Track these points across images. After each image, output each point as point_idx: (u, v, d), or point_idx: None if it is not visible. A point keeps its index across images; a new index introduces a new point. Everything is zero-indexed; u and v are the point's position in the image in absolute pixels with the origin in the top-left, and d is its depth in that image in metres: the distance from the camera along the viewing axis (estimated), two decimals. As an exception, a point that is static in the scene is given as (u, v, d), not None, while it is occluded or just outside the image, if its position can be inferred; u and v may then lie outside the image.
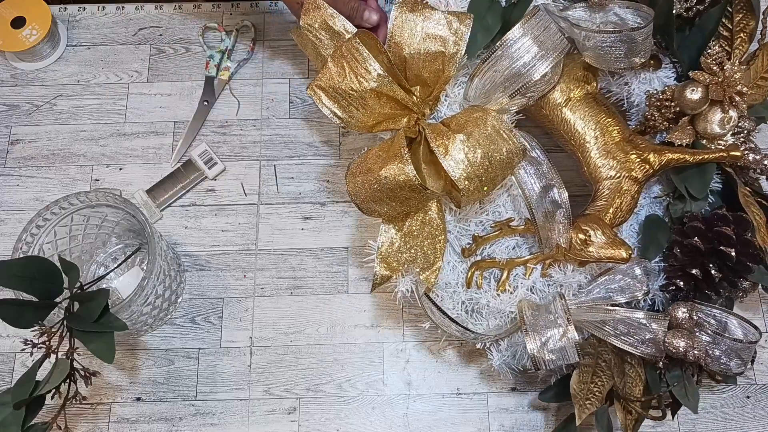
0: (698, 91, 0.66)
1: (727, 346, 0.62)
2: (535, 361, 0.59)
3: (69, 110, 0.84)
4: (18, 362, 0.73)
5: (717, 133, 0.66)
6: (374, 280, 0.63)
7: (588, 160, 0.66)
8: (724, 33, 0.69)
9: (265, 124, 0.83)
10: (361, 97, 0.57)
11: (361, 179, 0.59)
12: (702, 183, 0.66)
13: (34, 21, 0.83)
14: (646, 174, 0.65)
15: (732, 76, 0.64)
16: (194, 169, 0.80)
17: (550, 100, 0.66)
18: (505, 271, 0.64)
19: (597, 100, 0.67)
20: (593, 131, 0.65)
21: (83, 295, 0.61)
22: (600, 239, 0.61)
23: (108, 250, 0.76)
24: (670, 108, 0.67)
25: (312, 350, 0.74)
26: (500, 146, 0.57)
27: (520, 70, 0.59)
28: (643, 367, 0.64)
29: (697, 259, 0.64)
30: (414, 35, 0.59)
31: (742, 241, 0.63)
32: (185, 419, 0.71)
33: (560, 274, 0.64)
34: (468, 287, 0.64)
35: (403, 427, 0.71)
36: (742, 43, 0.69)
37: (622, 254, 0.60)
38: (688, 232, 0.65)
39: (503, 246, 0.66)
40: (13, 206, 0.80)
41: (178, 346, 0.74)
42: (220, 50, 0.86)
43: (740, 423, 0.72)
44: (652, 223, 0.68)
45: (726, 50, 0.69)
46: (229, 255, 0.77)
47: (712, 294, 0.64)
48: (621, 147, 0.65)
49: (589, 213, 0.65)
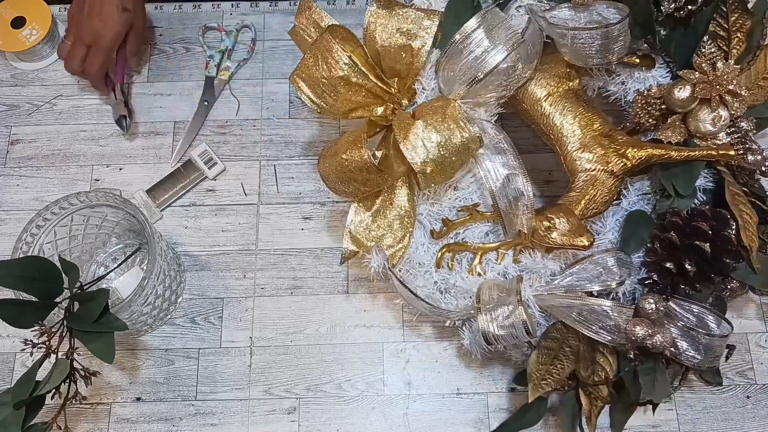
0: (686, 89, 0.66)
1: (696, 340, 0.63)
2: (485, 336, 0.62)
3: (69, 110, 0.84)
4: (18, 362, 0.73)
5: (709, 131, 0.67)
6: (342, 253, 0.67)
7: (565, 153, 0.67)
8: (721, 33, 0.70)
9: (265, 124, 0.83)
10: (332, 84, 0.62)
11: (329, 162, 0.63)
12: (688, 180, 0.67)
13: (34, 21, 0.83)
14: (623, 168, 0.66)
15: (723, 76, 0.65)
16: (194, 169, 0.80)
17: (531, 94, 0.67)
18: (477, 255, 0.66)
19: (578, 96, 0.68)
20: (571, 125, 0.67)
21: (83, 295, 0.61)
22: (563, 227, 0.63)
23: (108, 250, 0.76)
24: (656, 106, 0.68)
25: (312, 350, 0.74)
26: (456, 133, 0.61)
27: (474, 63, 0.62)
28: (615, 356, 0.65)
29: (674, 253, 0.65)
30: (386, 30, 0.64)
31: (720, 238, 0.63)
32: (185, 419, 0.71)
33: (530, 260, 0.66)
34: (438, 268, 0.66)
35: (403, 427, 0.71)
36: (739, 43, 0.69)
37: (583, 242, 0.62)
38: (666, 227, 0.66)
39: (476, 232, 0.68)
40: (13, 206, 0.80)
41: (178, 346, 0.74)
42: (220, 50, 0.86)
43: (740, 423, 0.72)
44: (635, 217, 0.69)
45: (723, 50, 0.69)
46: (229, 255, 0.78)
47: (686, 288, 0.65)
48: (599, 141, 0.66)
49: (561, 203, 0.67)
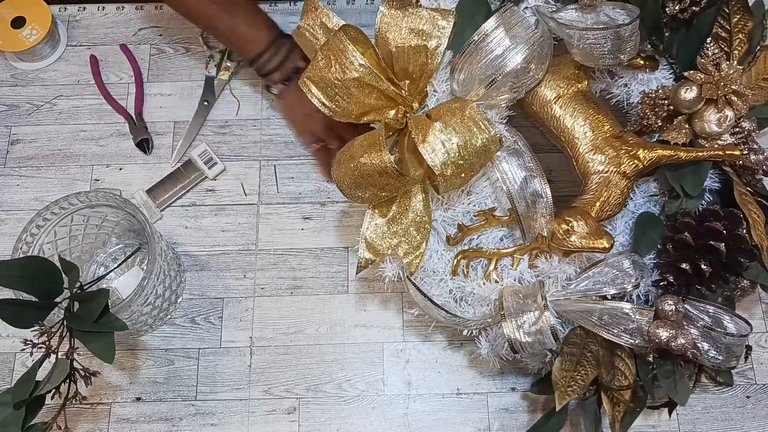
0: (692, 90, 0.66)
1: (717, 340, 0.62)
2: (511, 344, 0.61)
3: (69, 110, 0.84)
4: (18, 362, 0.73)
5: (714, 131, 0.67)
6: (359, 262, 0.65)
7: (577, 155, 0.67)
8: (723, 34, 0.70)
9: (265, 124, 0.83)
10: (345, 86, 0.60)
11: (345, 166, 0.61)
12: (697, 181, 0.67)
13: (34, 21, 0.83)
14: (635, 169, 0.66)
15: (728, 76, 0.65)
16: (194, 169, 0.80)
17: (541, 96, 0.67)
18: (492, 261, 0.65)
19: (588, 98, 0.68)
20: (582, 127, 0.66)
21: (83, 295, 0.61)
22: (582, 229, 0.62)
23: (108, 250, 0.76)
24: (664, 107, 0.68)
25: (312, 350, 0.74)
26: (476, 134, 0.59)
27: (494, 62, 0.61)
28: (633, 360, 0.65)
29: (688, 254, 0.65)
30: (399, 30, 0.62)
31: (734, 237, 0.63)
32: (185, 419, 0.71)
33: (546, 264, 0.65)
34: (454, 275, 0.65)
35: (403, 427, 0.71)
36: (741, 44, 0.69)
37: (603, 244, 0.61)
38: (679, 228, 0.66)
39: (490, 237, 0.66)
40: (13, 206, 0.80)
41: (178, 346, 0.74)
42: (220, 50, 0.86)
43: (740, 423, 0.72)
44: (645, 219, 0.69)
45: (725, 51, 0.70)
46: (229, 255, 0.77)
47: (703, 289, 0.65)
48: (610, 143, 0.66)
49: (576, 205, 0.66)
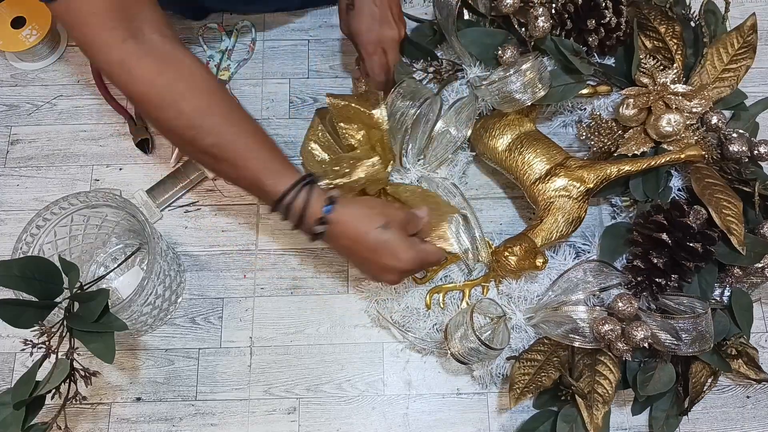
0: (630, 106, 0.71)
1: (676, 327, 0.65)
2: (455, 357, 0.66)
3: (69, 110, 0.84)
4: (18, 362, 0.73)
5: (670, 132, 0.71)
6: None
7: (526, 187, 0.73)
8: (659, 45, 0.74)
9: (265, 124, 0.83)
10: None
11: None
12: (653, 186, 0.72)
13: (34, 21, 0.83)
14: (581, 191, 0.71)
15: (660, 83, 0.70)
16: (194, 169, 0.80)
17: (490, 146, 0.75)
18: (464, 292, 0.72)
19: (532, 137, 0.74)
20: (528, 163, 0.73)
21: (83, 295, 0.61)
22: (519, 254, 0.68)
23: (108, 250, 0.76)
24: (606, 127, 0.73)
25: (312, 350, 0.74)
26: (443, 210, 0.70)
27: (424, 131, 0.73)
28: (616, 366, 0.68)
29: (640, 252, 0.68)
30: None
31: (676, 225, 0.66)
32: (185, 419, 0.71)
33: (512, 288, 0.72)
34: (428, 309, 0.72)
35: (403, 427, 0.71)
36: (679, 48, 0.74)
37: (535, 263, 0.68)
38: (633, 230, 0.70)
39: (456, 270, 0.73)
40: (13, 206, 0.80)
41: (178, 346, 0.74)
42: (220, 50, 0.86)
43: (740, 423, 0.72)
44: (611, 230, 0.74)
45: (668, 58, 0.74)
46: (229, 255, 0.77)
47: (662, 281, 0.67)
48: (554, 171, 0.72)
49: (522, 232, 0.72)
